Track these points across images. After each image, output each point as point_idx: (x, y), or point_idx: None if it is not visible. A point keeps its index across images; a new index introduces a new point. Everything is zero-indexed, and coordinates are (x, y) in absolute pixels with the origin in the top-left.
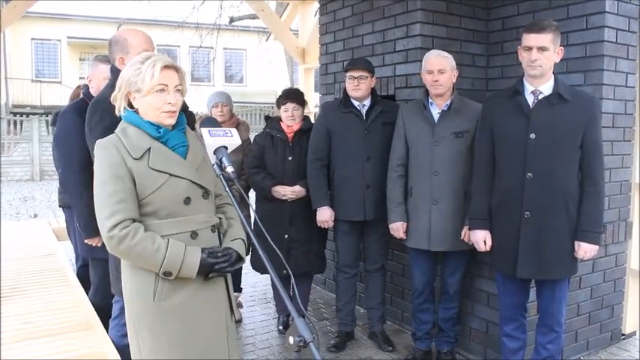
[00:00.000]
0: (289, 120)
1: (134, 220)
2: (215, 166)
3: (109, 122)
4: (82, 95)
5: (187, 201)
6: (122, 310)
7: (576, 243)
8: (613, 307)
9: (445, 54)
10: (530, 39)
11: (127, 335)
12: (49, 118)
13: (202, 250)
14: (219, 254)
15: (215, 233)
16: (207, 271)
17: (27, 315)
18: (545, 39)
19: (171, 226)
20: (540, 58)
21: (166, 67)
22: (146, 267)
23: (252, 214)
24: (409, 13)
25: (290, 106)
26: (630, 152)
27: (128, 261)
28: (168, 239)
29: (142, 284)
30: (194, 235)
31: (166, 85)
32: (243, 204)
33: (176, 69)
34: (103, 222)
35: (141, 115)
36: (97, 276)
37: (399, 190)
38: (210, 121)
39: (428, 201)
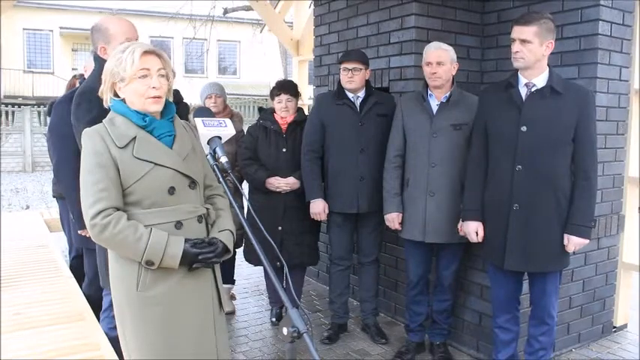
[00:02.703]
0: (283, 111)
1: (117, 209)
2: (209, 156)
3: (95, 114)
4: (78, 85)
5: (172, 191)
6: (112, 303)
7: (566, 236)
8: (605, 299)
9: (445, 46)
10: (515, 31)
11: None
12: (45, 108)
13: (186, 240)
14: (203, 244)
15: (202, 224)
16: (190, 262)
17: (19, 306)
18: (528, 32)
19: (155, 215)
20: (522, 50)
21: (146, 52)
22: (128, 256)
23: (246, 204)
24: (404, 5)
25: (284, 97)
26: (623, 146)
27: (110, 250)
28: (151, 228)
29: (126, 274)
30: (179, 225)
31: (148, 70)
32: (237, 195)
33: (157, 54)
34: (86, 210)
35: (128, 104)
36: (92, 268)
37: (396, 181)
38: (204, 111)
39: (424, 192)
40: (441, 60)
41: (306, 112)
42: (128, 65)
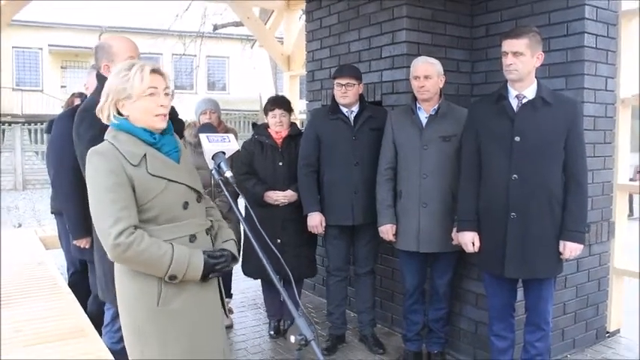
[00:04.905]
0: (277, 126)
1: (136, 227)
2: (214, 171)
3: (97, 130)
4: (77, 103)
5: (186, 205)
6: (114, 317)
7: (561, 243)
8: (598, 305)
9: (432, 60)
10: (506, 44)
11: (120, 341)
12: (36, 126)
13: (203, 252)
14: (217, 255)
15: (208, 236)
16: (208, 272)
17: (19, 323)
18: (519, 44)
19: (171, 230)
20: (516, 63)
21: (153, 71)
22: (151, 272)
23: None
24: (395, 20)
25: (278, 112)
26: (611, 154)
27: (132, 267)
28: (172, 244)
29: (144, 290)
30: (193, 238)
31: (156, 88)
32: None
33: (161, 74)
34: (107, 230)
35: (132, 121)
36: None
37: (388, 194)
38: (208, 128)
39: (417, 203)
40: (428, 74)
41: (299, 127)
42: (137, 82)
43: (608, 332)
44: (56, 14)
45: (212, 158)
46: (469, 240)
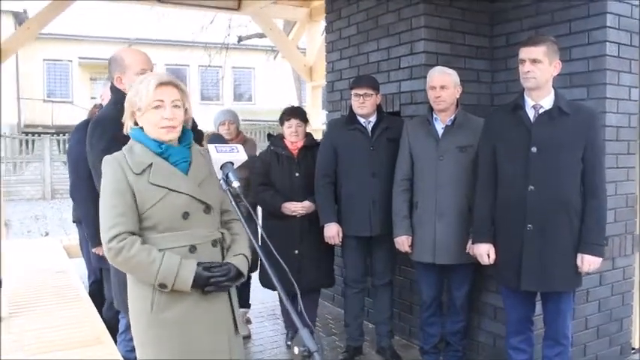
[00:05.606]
0: (293, 136)
1: (132, 234)
2: (222, 181)
3: (109, 141)
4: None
5: (186, 215)
6: (127, 325)
7: (579, 255)
8: (622, 320)
9: (448, 70)
10: (524, 52)
11: (134, 350)
12: (65, 136)
13: (199, 264)
14: (215, 268)
15: (217, 248)
16: (202, 285)
17: (38, 330)
18: (537, 51)
19: (170, 239)
20: (533, 70)
21: (161, 84)
22: (143, 279)
23: (260, 230)
24: (413, 30)
25: (294, 122)
26: (635, 165)
27: (126, 272)
28: (164, 252)
29: (141, 295)
30: (192, 249)
31: (162, 101)
32: (250, 220)
33: (174, 85)
34: (104, 234)
35: (145, 132)
36: (111, 290)
37: (404, 205)
38: (217, 138)
39: (433, 215)
40: (444, 84)
41: (317, 137)
42: (143, 96)
43: (633, 348)
44: (86, 27)
45: (220, 168)
46: (484, 252)
